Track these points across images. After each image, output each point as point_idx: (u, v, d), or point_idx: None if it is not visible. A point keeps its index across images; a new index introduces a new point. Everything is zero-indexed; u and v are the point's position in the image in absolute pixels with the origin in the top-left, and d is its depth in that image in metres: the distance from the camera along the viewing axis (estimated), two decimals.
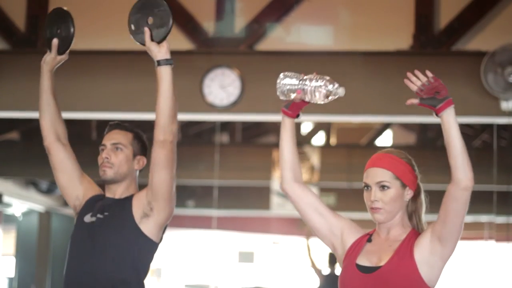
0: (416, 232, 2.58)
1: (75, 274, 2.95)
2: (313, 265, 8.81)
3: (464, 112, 5.69)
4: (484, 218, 11.53)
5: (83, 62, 6.00)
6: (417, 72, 2.47)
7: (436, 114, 2.46)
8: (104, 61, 5.98)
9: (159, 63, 2.87)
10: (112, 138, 3.06)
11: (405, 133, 12.23)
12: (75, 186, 3.11)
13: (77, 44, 6.25)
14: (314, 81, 2.59)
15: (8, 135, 9.61)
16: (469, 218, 11.62)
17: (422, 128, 10.24)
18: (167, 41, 2.87)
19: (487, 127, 9.25)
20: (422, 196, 2.63)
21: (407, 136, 12.08)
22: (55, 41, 3.15)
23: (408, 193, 2.58)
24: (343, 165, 9.39)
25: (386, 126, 10.85)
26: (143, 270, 2.96)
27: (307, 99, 2.64)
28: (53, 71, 3.18)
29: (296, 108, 2.74)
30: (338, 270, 2.65)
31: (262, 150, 9.81)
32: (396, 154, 2.61)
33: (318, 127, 11.19)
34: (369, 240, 2.61)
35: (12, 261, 11.73)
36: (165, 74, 2.88)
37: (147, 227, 2.94)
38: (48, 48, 3.14)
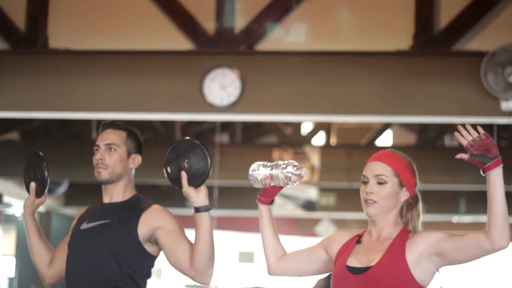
0: (406, 230, 2.57)
1: (74, 283, 2.93)
2: None
3: (464, 112, 5.70)
4: (484, 218, 11.52)
5: (83, 62, 6.00)
6: (468, 126, 2.44)
7: (483, 172, 2.44)
8: (104, 61, 5.98)
9: (197, 209, 2.82)
10: (105, 138, 3.02)
11: (405, 133, 12.24)
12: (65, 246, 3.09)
13: (77, 44, 6.27)
14: (281, 166, 2.68)
15: (8, 135, 9.61)
16: (469, 218, 11.63)
17: (422, 128, 10.24)
18: (205, 186, 2.82)
19: (487, 127, 9.23)
20: (420, 206, 2.62)
21: (407, 136, 12.08)
22: (32, 186, 3.12)
23: (405, 194, 2.58)
24: (343, 165, 9.39)
25: (386, 126, 10.85)
26: (142, 280, 2.93)
27: (278, 184, 2.72)
28: (34, 214, 3.15)
29: (268, 194, 2.78)
30: None
31: (262, 150, 9.81)
32: (399, 154, 2.62)
33: (318, 127, 11.19)
34: (359, 242, 2.61)
35: (12, 261, 11.73)
36: (204, 221, 2.83)
37: (151, 248, 2.92)
38: (27, 192, 3.13)
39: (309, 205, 10.27)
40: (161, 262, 3.00)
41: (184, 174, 2.81)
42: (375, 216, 2.56)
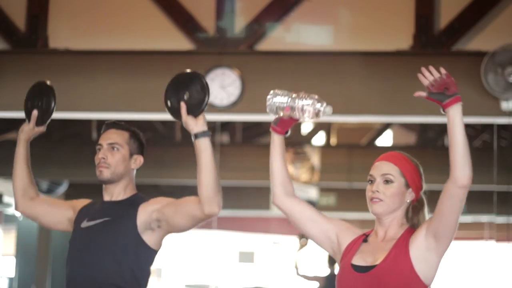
0: (411, 229, 2.58)
1: (75, 281, 2.94)
2: (306, 278, 8.82)
3: (464, 112, 5.64)
4: (484, 218, 11.54)
5: (83, 62, 6.00)
6: (431, 68, 2.47)
7: (443, 110, 2.45)
8: (104, 61, 5.98)
9: (196, 136, 2.84)
10: (108, 137, 3.04)
11: (405, 133, 12.24)
12: (63, 216, 3.11)
13: (77, 44, 6.27)
14: (303, 99, 2.63)
15: (8, 135, 9.61)
16: (470, 218, 11.63)
17: (422, 128, 10.25)
18: (204, 114, 2.85)
19: (487, 127, 9.25)
20: (425, 210, 2.63)
21: (407, 136, 12.08)
22: (35, 113, 3.18)
23: (410, 195, 2.59)
24: (343, 165, 9.39)
25: (386, 126, 10.86)
26: (143, 277, 2.93)
27: (295, 117, 2.67)
28: (29, 141, 3.18)
29: (284, 125, 2.73)
30: (337, 271, 2.65)
31: (262, 150, 9.79)
32: (407, 156, 2.64)
33: (318, 127, 11.20)
34: (365, 240, 2.62)
35: (13, 261, 11.73)
36: (204, 146, 2.84)
37: (150, 238, 2.92)
38: (27, 118, 3.15)
39: None
40: (161, 262, 3.00)
41: (183, 105, 2.86)
42: (381, 214, 2.57)
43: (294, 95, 2.65)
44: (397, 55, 5.76)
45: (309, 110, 2.62)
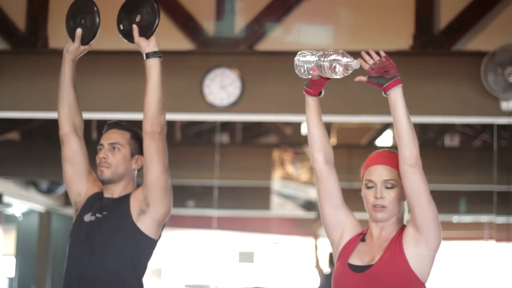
0: (404, 227, 2.58)
1: (74, 274, 2.95)
2: (318, 265, 8.82)
3: (464, 112, 5.70)
4: (484, 218, 11.53)
5: (83, 62, 5.97)
6: (371, 51, 2.47)
7: (384, 93, 2.45)
8: (104, 61, 5.98)
9: (147, 55, 2.95)
10: (109, 137, 3.05)
11: None
12: (80, 181, 3.11)
13: None
14: (330, 56, 2.57)
15: (8, 135, 9.60)
16: (469, 218, 11.63)
17: (422, 128, 10.24)
18: (155, 36, 2.88)
19: (487, 127, 9.24)
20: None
21: None
22: (79, 31, 3.17)
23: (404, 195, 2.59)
24: (343, 165, 9.38)
25: (386, 126, 10.85)
26: (142, 268, 2.95)
27: (326, 75, 2.61)
28: (75, 60, 3.18)
29: (316, 85, 2.70)
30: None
31: (262, 150, 9.81)
32: (397, 154, 2.61)
33: None
34: (363, 240, 2.61)
35: (12, 261, 11.73)
36: (153, 66, 2.94)
37: (144, 224, 2.93)
38: (71, 37, 3.13)
39: (309, 205, 10.27)
40: (161, 262, 3.01)
41: (135, 27, 2.96)
42: (385, 221, 2.56)
43: (320, 53, 2.58)
44: (397, 55, 5.75)
45: (338, 66, 2.58)
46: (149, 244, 2.96)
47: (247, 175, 9.49)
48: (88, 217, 3.01)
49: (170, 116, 6.56)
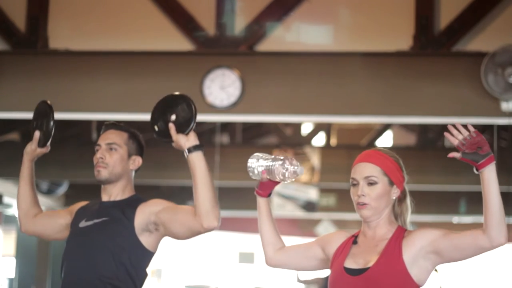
0: (402, 229, 2.57)
1: (70, 280, 2.93)
2: (308, 283, 8.93)
3: (464, 113, 5.69)
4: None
5: (83, 62, 6.00)
6: (458, 125, 2.45)
7: (477, 170, 2.44)
8: (104, 61, 5.98)
9: (189, 150, 2.81)
10: (107, 138, 3.04)
11: (405, 134, 12.23)
12: (62, 225, 3.12)
13: (77, 44, 6.26)
14: (279, 162, 2.65)
15: (8, 136, 9.61)
16: (469, 219, 11.63)
17: (422, 129, 10.24)
18: (194, 131, 2.82)
19: (487, 128, 9.24)
20: (408, 200, 2.62)
21: (407, 137, 12.08)
22: (36, 134, 3.15)
23: (395, 192, 2.58)
24: (344, 166, 9.37)
25: (386, 126, 10.86)
26: (138, 278, 2.93)
27: (276, 179, 2.70)
28: (33, 161, 3.17)
29: (266, 187, 2.76)
30: None
31: (263, 151, 9.73)
32: (385, 152, 2.61)
33: (318, 127, 11.19)
34: (355, 242, 2.61)
35: (13, 261, 11.73)
36: (198, 160, 2.82)
37: (147, 240, 2.92)
38: (31, 139, 3.15)
39: (309, 206, 10.27)
40: (161, 262, 3.00)
41: (172, 126, 2.83)
42: (370, 218, 2.56)
43: (272, 157, 2.69)
44: (397, 56, 5.76)
45: (285, 172, 2.64)
46: (147, 256, 2.95)
47: (247, 175, 9.47)
48: (83, 223, 2.99)
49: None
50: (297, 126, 10.98)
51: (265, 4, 5.93)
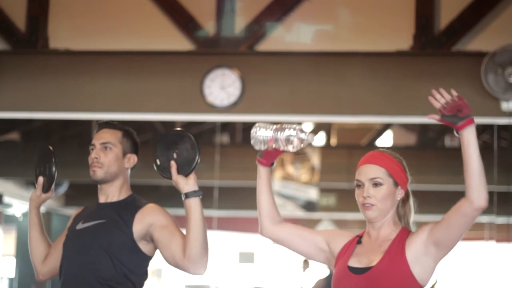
0: (406, 230, 2.58)
1: (69, 282, 2.92)
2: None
3: None
4: (484, 218, 11.51)
5: (83, 62, 6.00)
6: (442, 90, 2.46)
7: (457, 132, 2.45)
8: (104, 61, 5.98)
9: (187, 195, 2.81)
10: (101, 137, 3.03)
11: (405, 134, 12.24)
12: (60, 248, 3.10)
13: (77, 44, 6.26)
14: (286, 130, 2.66)
15: (8, 136, 9.61)
16: None
17: (422, 129, 10.25)
18: (194, 173, 2.82)
19: (488, 128, 9.25)
20: (411, 200, 2.63)
21: (407, 137, 12.08)
22: (40, 180, 3.14)
23: (400, 193, 2.59)
24: (344, 166, 9.39)
25: (386, 126, 10.86)
26: (138, 280, 2.92)
27: (280, 148, 2.69)
28: (39, 207, 3.15)
29: (269, 157, 2.76)
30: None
31: None
32: (389, 153, 2.62)
33: (318, 127, 11.19)
34: (359, 242, 2.61)
35: (13, 261, 11.73)
36: (194, 206, 2.81)
37: (145, 247, 2.91)
38: (35, 185, 3.15)
39: (309, 206, 10.27)
40: (161, 263, 2.99)
41: (173, 164, 2.83)
42: (375, 219, 2.57)
43: (277, 127, 2.69)
44: (397, 56, 5.76)
45: (293, 140, 2.64)
46: (145, 260, 2.95)
47: (248, 175, 9.48)
48: (80, 225, 2.97)
49: (170, 117, 6.59)
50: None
51: (265, 4, 5.93)
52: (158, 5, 6.00)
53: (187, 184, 2.81)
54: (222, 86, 5.80)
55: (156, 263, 3.01)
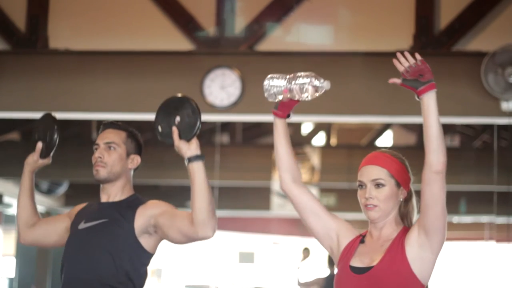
0: (407, 229, 2.58)
1: (70, 282, 2.93)
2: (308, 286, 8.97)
3: (464, 113, 5.69)
4: (484, 218, 11.55)
5: (83, 62, 6.00)
6: (406, 53, 2.48)
7: (417, 97, 2.46)
8: (104, 61, 5.98)
9: (190, 160, 2.82)
10: (105, 137, 3.04)
11: (405, 134, 12.24)
12: (63, 230, 3.10)
13: (77, 44, 6.27)
14: (299, 78, 2.59)
15: (8, 136, 9.61)
16: (470, 219, 11.63)
17: (422, 129, 10.23)
18: (196, 138, 2.82)
19: (488, 128, 9.25)
20: (414, 200, 2.63)
21: (407, 137, 12.08)
22: (39, 145, 3.17)
23: (402, 193, 2.59)
24: (344, 166, 9.39)
25: (386, 126, 10.86)
26: (138, 279, 2.93)
27: (295, 98, 2.62)
28: (34, 172, 3.17)
29: (285, 108, 2.68)
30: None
31: (263, 151, 9.81)
32: (391, 154, 2.62)
33: (318, 127, 11.19)
34: (362, 241, 2.61)
35: (13, 261, 11.73)
36: (197, 170, 2.82)
37: (147, 242, 2.92)
38: (33, 150, 3.15)
39: None
40: (161, 263, 2.99)
41: (175, 129, 2.83)
42: (378, 219, 2.57)
43: (290, 76, 2.61)
44: None
45: (307, 88, 2.58)
46: (146, 258, 2.95)
47: (247, 175, 9.49)
48: (82, 225, 2.98)
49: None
50: (297, 126, 10.98)
51: (265, 4, 5.93)
52: (158, 5, 6.00)
53: (189, 149, 2.82)
54: (222, 86, 5.80)
55: (156, 263, 3.00)
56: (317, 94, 2.60)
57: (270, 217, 13.63)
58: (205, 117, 6.42)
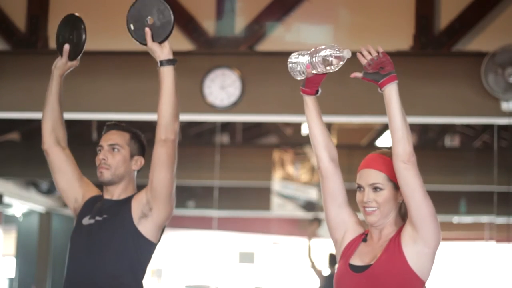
0: None
1: (74, 276, 2.95)
2: (313, 266, 8.84)
3: (464, 113, 5.69)
4: (484, 218, 11.53)
5: (83, 63, 5.95)
6: (369, 46, 2.49)
7: (380, 89, 2.47)
8: (104, 61, 5.98)
9: (161, 63, 2.88)
10: (109, 139, 3.04)
11: None
12: (74, 189, 3.09)
13: None
14: (321, 51, 2.58)
15: (8, 136, 9.61)
16: (470, 219, 11.63)
17: (422, 129, 10.24)
18: (169, 41, 2.85)
19: (488, 128, 9.24)
20: None
21: None
22: (66, 47, 3.14)
23: (401, 196, 2.58)
24: (344, 166, 9.32)
25: (386, 126, 10.83)
26: (141, 271, 2.94)
27: (321, 71, 2.61)
28: (63, 76, 3.13)
29: (312, 84, 2.68)
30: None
31: (263, 151, 9.81)
32: (389, 156, 2.60)
33: None
34: (364, 240, 2.61)
35: (13, 261, 11.73)
36: (168, 73, 2.91)
37: (145, 228, 2.93)
38: (60, 53, 3.09)
39: (309, 206, 10.27)
40: (161, 263, 3.00)
41: (148, 31, 2.85)
42: (377, 223, 2.57)
43: (310, 51, 2.58)
44: (397, 56, 5.74)
45: (331, 61, 2.58)
46: (149, 247, 2.96)
47: (248, 175, 9.49)
48: (86, 221, 3.00)
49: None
50: (297, 126, 10.97)
51: (265, 4, 5.93)
52: None
53: (162, 52, 2.88)
54: (222, 86, 5.80)
55: (156, 263, 3.01)
56: (341, 63, 2.60)
57: (270, 217, 13.63)
58: (205, 117, 6.43)
